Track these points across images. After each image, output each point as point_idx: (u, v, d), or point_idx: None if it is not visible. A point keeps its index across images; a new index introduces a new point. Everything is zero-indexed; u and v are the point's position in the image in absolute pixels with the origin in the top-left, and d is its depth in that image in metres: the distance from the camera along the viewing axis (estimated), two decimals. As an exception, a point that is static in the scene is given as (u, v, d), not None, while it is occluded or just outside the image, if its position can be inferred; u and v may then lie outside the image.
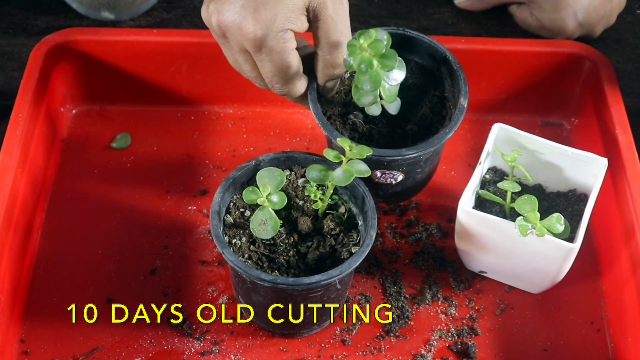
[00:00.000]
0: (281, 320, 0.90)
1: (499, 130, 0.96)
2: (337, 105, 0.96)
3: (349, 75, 0.97)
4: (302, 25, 0.85)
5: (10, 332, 0.92)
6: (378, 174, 0.94)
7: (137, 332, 0.93)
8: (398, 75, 0.91)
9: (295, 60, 0.86)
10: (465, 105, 0.93)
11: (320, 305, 0.88)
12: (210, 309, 0.95)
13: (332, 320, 0.94)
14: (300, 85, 0.89)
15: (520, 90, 1.11)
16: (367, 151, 0.86)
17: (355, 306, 0.95)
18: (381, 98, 0.93)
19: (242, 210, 0.90)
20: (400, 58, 0.89)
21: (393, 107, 0.94)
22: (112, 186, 1.04)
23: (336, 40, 0.87)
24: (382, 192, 0.86)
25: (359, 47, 0.87)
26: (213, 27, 0.85)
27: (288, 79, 0.87)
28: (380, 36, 0.88)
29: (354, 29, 1.20)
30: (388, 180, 0.95)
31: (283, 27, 0.83)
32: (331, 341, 0.93)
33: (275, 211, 0.85)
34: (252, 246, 0.88)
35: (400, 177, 0.95)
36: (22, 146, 0.98)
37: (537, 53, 1.09)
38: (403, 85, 0.92)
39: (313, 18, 0.86)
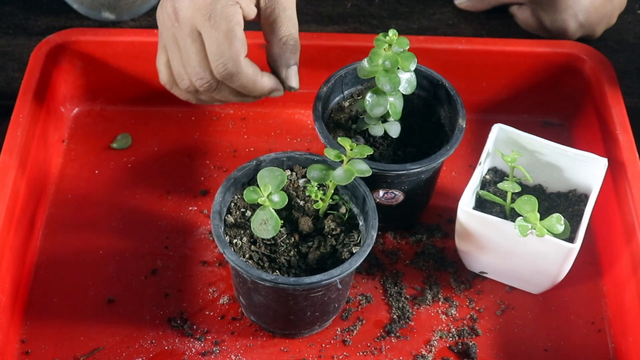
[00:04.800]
0: (282, 321, 0.90)
1: (499, 131, 0.96)
2: (339, 130, 0.97)
3: (348, 104, 0.99)
4: (250, 7, 0.86)
5: (11, 333, 0.92)
6: (381, 193, 0.94)
7: (137, 332, 0.93)
8: (412, 79, 0.94)
9: (241, 35, 0.84)
10: (464, 126, 0.95)
11: (321, 306, 0.88)
12: (211, 310, 0.95)
13: (332, 321, 0.94)
14: (248, 68, 0.85)
15: (520, 91, 1.11)
16: (368, 150, 0.86)
17: (356, 307, 0.96)
18: (384, 121, 0.95)
19: (243, 210, 0.90)
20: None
21: (394, 130, 0.95)
22: (112, 187, 1.04)
23: (288, 24, 0.88)
24: (381, 215, 0.88)
25: (384, 42, 0.90)
26: (168, 14, 0.85)
27: (234, 55, 0.84)
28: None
29: (354, 29, 1.21)
30: (389, 201, 0.95)
31: None
32: (332, 341, 0.93)
33: (276, 211, 0.86)
34: (253, 246, 0.88)
35: (401, 198, 0.95)
36: (23, 146, 0.98)
37: (538, 53, 1.09)
38: (402, 113, 0.94)
39: (263, 3, 0.86)
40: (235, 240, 0.88)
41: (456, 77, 1.03)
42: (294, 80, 0.89)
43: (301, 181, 0.92)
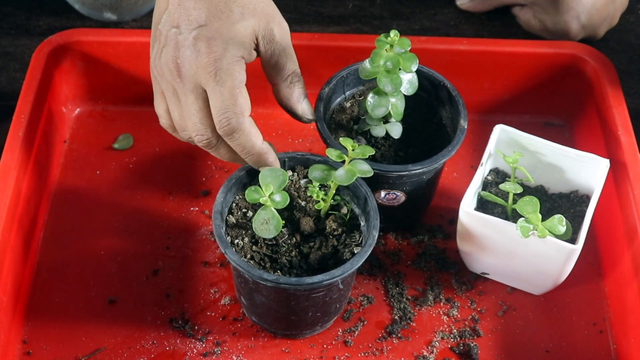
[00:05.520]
0: (283, 321, 0.90)
1: (500, 132, 0.96)
2: (341, 131, 0.97)
3: (350, 105, 0.99)
4: (252, 54, 0.86)
5: (13, 333, 0.92)
6: (382, 194, 0.94)
7: (139, 333, 0.93)
8: (414, 80, 0.93)
9: (246, 94, 0.85)
10: (466, 127, 0.95)
11: (323, 306, 0.88)
12: (213, 310, 0.95)
13: (334, 322, 0.94)
14: (251, 127, 0.85)
15: (522, 92, 1.11)
16: (370, 151, 0.86)
17: (357, 307, 0.96)
18: (386, 122, 0.95)
19: (244, 210, 0.90)
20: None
21: (396, 131, 0.95)
22: (114, 187, 1.04)
23: (289, 62, 0.89)
24: (383, 216, 0.88)
25: (385, 43, 0.90)
26: (170, 69, 0.84)
27: (238, 111, 0.84)
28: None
29: (356, 30, 1.21)
30: (391, 201, 0.95)
31: (237, 53, 0.84)
32: (333, 342, 0.93)
33: (278, 211, 0.86)
34: (254, 246, 0.88)
35: (402, 199, 0.95)
36: (24, 147, 0.98)
37: (539, 54, 1.09)
38: (404, 113, 0.94)
39: (263, 48, 0.87)
40: (236, 241, 0.88)
41: (458, 77, 1.03)
42: (310, 113, 0.91)
43: (303, 181, 0.92)
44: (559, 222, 0.88)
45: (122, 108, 1.11)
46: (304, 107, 0.91)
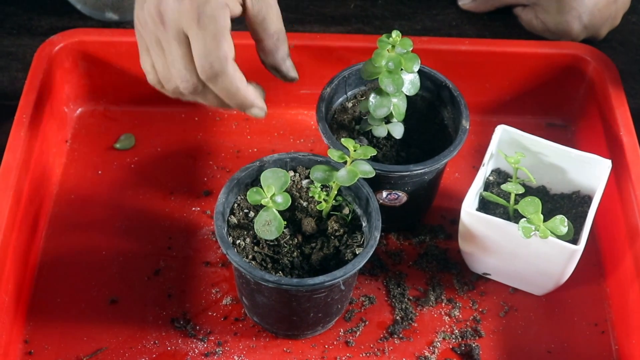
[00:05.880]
0: (285, 322, 0.90)
1: (502, 132, 0.96)
2: (342, 131, 0.97)
3: (351, 105, 0.99)
4: (237, 7, 0.85)
5: (14, 333, 0.92)
6: (384, 194, 0.94)
7: (140, 332, 0.93)
8: (415, 80, 0.93)
9: (230, 38, 0.84)
10: (467, 127, 0.95)
11: (324, 307, 0.88)
12: (214, 310, 0.95)
13: (335, 322, 0.94)
14: (235, 71, 0.84)
15: (524, 92, 1.11)
16: (371, 152, 0.86)
17: (359, 308, 0.96)
18: (388, 122, 0.95)
19: (246, 211, 0.90)
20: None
21: (398, 131, 0.95)
22: (115, 187, 1.04)
23: (276, 20, 0.88)
24: (384, 216, 0.88)
25: (387, 43, 0.91)
26: (153, 18, 0.84)
27: (221, 55, 0.83)
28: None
29: (358, 30, 1.21)
30: (393, 202, 0.95)
31: (222, 0, 0.83)
32: (335, 342, 0.93)
33: (280, 212, 0.86)
34: (256, 247, 0.88)
35: (404, 199, 0.95)
36: (26, 147, 0.98)
37: (541, 54, 1.09)
38: (405, 114, 0.94)
39: (250, 3, 0.86)
40: (238, 241, 0.88)
41: (459, 78, 1.03)
42: (294, 71, 0.91)
43: (304, 182, 0.92)
44: (561, 223, 0.88)
45: (123, 108, 1.11)
46: (287, 65, 0.90)
